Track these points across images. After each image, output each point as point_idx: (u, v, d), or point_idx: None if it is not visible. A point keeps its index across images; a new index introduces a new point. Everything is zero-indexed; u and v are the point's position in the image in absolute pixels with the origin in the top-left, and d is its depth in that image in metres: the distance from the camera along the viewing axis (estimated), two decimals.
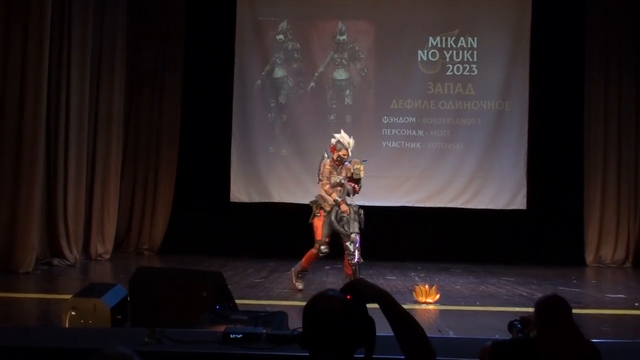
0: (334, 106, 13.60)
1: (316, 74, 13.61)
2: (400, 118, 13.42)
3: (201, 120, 13.48)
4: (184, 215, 13.40)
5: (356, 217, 8.68)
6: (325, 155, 9.10)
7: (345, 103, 13.60)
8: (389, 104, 13.46)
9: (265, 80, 13.63)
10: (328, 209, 8.76)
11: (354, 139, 9.06)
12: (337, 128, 13.53)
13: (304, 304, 2.16)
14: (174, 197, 13.47)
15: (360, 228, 8.63)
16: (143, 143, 13.50)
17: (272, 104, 13.60)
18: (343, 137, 8.98)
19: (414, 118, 13.44)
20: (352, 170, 8.80)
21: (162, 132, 13.50)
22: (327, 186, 8.82)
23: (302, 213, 13.22)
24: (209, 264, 11.45)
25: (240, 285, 8.96)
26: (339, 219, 8.69)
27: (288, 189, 13.38)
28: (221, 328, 4.12)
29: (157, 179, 13.51)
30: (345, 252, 8.61)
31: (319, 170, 9.00)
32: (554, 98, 13.35)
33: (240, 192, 13.48)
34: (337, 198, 8.73)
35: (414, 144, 13.39)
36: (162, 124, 13.49)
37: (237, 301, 5.68)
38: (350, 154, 8.96)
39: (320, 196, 8.91)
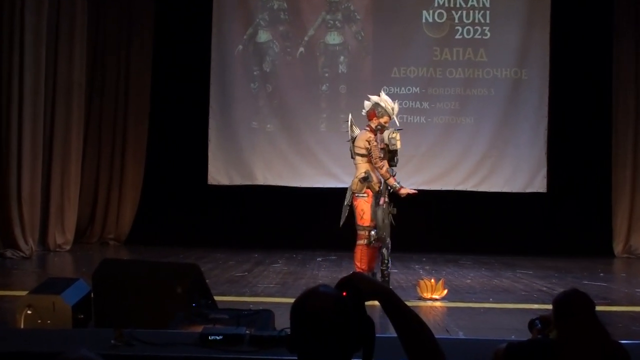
0: (326, 75, 13.58)
1: (306, 38, 13.57)
2: (403, 88, 13.41)
3: (174, 92, 13.44)
4: (155, 201, 13.40)
5: (390, 216, 8.25)
6: (350, 123, 8.40)
7: (339, 71, 13.57)
8: (390, 73, 13.44)
9: (248, 45, 13.59)
10: (377, 188, 8.22)
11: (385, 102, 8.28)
12: (330, 100, 13.60)
13: (292, 300, 2.16)
14: (143, 179, 13.47)
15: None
16: (108, 118, 13.46)
17: (255, 73, 13.56)
18: (385, 100, 8.30)
19: (418, 88, 13.43)
20: (385, 141, 8.19)
21: (129, 106, 13.48)
22: (386, 167, 8.14)
23: (291, 197, 13.31)
24: (185, 255, 11.45)
25: (220, 280, 8.97)
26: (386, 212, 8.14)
27: (274, 169, 13.38)
28: (198, 328, 4.12)
29: (124, 159, 13.49)
30: (380, 258, 8.30)
31: (366, 148, 8.14)
32: (578, 64, 13.35)
33: (219, 173, 13.48)
34: (395, 184, 8.14)
35: (418, 117, 13.39)
36: (130, 97, 13.47)
37: (216, 298, 5.69)
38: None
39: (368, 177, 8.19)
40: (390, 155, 8.33)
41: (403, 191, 8.27)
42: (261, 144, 13.49)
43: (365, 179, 8.17)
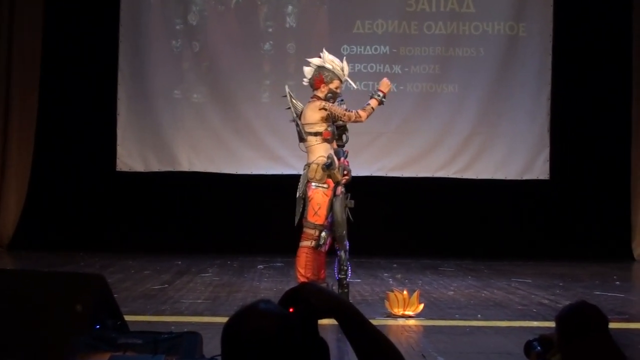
0: (270, 30, 13.55)
1: None
2: (368, 47, 13.43)
3: (71, 53, 13.31)
4: (46, 194, 13.29)
5: (347, 210, 8.32)
6: (290, 98, 8.45)
7: (287, 25, 13.55)
8: (351, 27, 13.46)
9: None
10: (339, 178, 8.23)
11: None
12: (275, 62, 13.57)
13: (225, 320, 2.15)
14: (32, 166, 13.33)
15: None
16: None
17: (177, 27, 13.49)
18: (331, 60, 8.37)
19: (388, 48, 13.46)
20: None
21: (13, 74, 13.33)
22: (359, 111, 8.23)
23: (224, 187, 13.28)
24: (86, 263, 11.38)
25: (133, 294, 8.93)
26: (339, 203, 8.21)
27: (203, 152, 13.34)
28: (104, 357, 4.10)
29: (5, 140, 13.35)
30: (336, 263, 8.36)
31: (323, 118, 8.19)
32: (589, 17, 13.48)
33: (131, 157, 13.40)
34: (378, 98, 8.36)
35: None
36: (13, 62, 13.32)
37: (127, 317, 5.66)
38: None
39: (324, 159, 8.19)
40: (339, 132, 8.37)
41: (386, 89, 8.52)
42: (186, 119, 13.43)
43: (329, 166, 8.16)
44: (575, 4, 13.46)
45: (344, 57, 8.66)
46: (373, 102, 8.35)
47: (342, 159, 8.36)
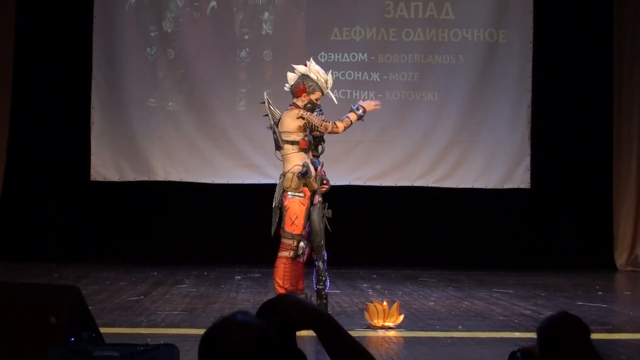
0: (246, 37, 13.55)
1: None
2: (346, 55, 13.44)
3: (44, 61, 13.27)
4: (18, 203, 13.23)
5: (325, 220, 8.40)
6: (268, 104, 8.53)
7: (263, 32, 13.55)
8: (329, 34, 13.47)
9: None
10: (315, 187, 8.32)
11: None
12: (251, 70, 13.57)
13: (202, 332, 2.16)
14: (4, 177, 13.27)
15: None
16: None
17: (152, 34, 13.47)
18: (316, 71, 8.48)
19: (366, 55, 13.48)
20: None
21: None
22: (336, 122, 8.40)
23: (201, 197, 13.25)
24: (60, 274, 11.34)
25: (108, 306, 8.91)
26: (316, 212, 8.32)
27: (178, 161, 13.31)
28: None
29: None
30: (314, 274, 8.38)
31: (300, 127, 8.30)
32: (570, 25, 13.54)
33: (106, 167, 13.36)
34: (357, 112, 8.50)
35: (366, 93, 13.43)
36: None
37: (102, 330, 5.65)
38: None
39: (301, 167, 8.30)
40: (315, 142, 8.48)
41: (369, 107, 8.60)
42: (161, 127, 13.40)
43: (305, 175, 8.21)
44: (555, 10, 13.50)
45: (330, 71, 8.74)
46: (352, 116, 8.46)
47: (319, 168, 8.40)
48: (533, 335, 3.05)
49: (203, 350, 2.14)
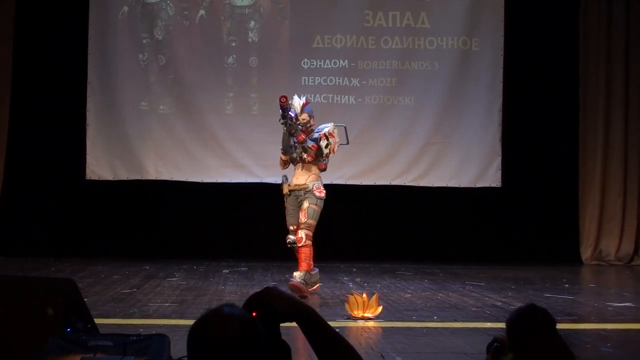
0: (233, 44, 13.53)
1: None
2: (327, 61, 13.44)
3: (41, 64, 13.23)
4: (17, 200, 13.18)
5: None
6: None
7: (249, 40, 13.53)
8: (311, 42, 13.46)
9: (135, 5, 13.45)
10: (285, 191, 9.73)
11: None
12: (238, 75, 13.55)
13: (192, 322, 2.15)
14: (3, 176, 13.22)
15: None
16: None
17: (144, 41, 13.44)
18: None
19: (346, 61, 13.48)
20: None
21: None
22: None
23: (191, 195, 13.22)
24: (57, 268, 11.29)
25: (103, 298, 8.88)
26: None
27: (169, 161, 13.29)
28: (76, 359, 4.08)
29: None
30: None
31: (324, 148, 9.93)
32: (539, 33, 13.57)
33: (100, 166, 13.32)
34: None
35: (347, 97, 13.44)
36: None
37: (97, 321, 5.63)
38: None
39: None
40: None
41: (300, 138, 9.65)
42: (153, 129, 13.38)
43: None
44: (524, 20, 13.54)
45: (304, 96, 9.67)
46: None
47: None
48: (504, 325, 3.05)
49: (191, 341, 2.14)
